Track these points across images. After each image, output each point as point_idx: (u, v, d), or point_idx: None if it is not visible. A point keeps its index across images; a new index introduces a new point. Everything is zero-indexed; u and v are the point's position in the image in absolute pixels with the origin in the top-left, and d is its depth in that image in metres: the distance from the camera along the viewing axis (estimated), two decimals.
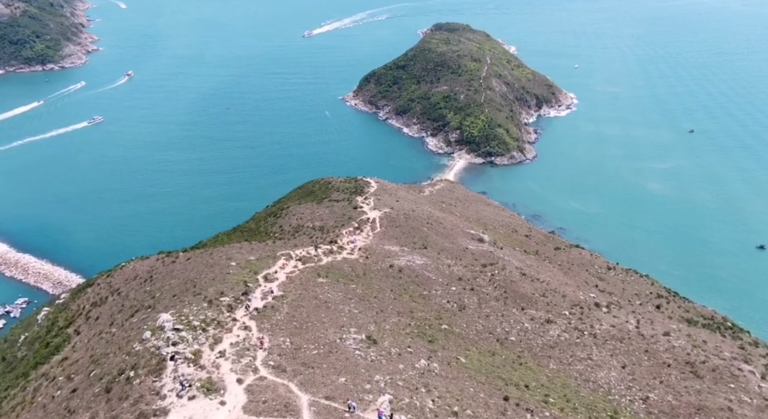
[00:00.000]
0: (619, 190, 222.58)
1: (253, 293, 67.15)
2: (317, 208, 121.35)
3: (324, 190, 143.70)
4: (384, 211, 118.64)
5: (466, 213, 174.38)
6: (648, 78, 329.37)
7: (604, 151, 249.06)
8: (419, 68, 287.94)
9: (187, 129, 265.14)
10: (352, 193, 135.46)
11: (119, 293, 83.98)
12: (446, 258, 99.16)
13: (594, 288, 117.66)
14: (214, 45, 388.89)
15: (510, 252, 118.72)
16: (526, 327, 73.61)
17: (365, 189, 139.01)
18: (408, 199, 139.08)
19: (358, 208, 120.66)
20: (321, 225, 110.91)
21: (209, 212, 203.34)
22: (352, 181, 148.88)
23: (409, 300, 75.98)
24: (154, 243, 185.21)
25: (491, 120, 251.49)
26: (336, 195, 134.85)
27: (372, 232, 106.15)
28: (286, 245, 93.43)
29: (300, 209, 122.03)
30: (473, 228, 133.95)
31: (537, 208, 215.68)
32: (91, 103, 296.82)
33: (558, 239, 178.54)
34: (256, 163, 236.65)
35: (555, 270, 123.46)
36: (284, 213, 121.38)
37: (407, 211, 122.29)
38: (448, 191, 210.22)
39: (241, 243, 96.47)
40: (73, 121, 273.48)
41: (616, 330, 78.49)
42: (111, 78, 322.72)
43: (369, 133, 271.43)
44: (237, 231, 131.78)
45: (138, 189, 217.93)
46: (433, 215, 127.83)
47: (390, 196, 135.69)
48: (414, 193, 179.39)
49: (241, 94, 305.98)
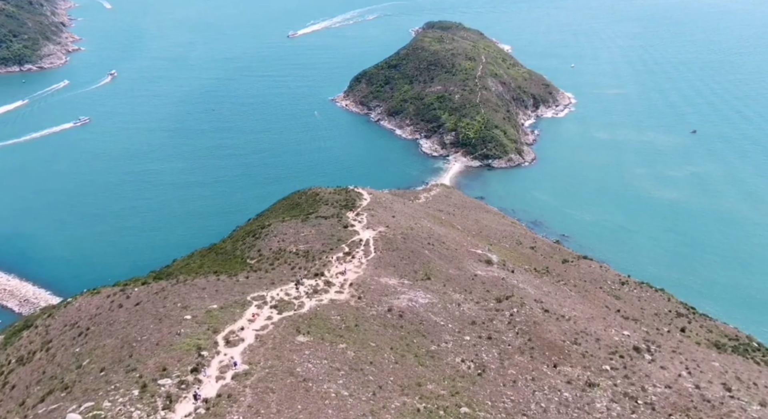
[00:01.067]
0: (622, 195, 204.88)
1: (207, 369, 47.88)
2: (302, 227, 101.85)
3: (311, 203, 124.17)
4: (379, 231, 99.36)
5: (466, 223, 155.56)
6: (647, 77, 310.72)
7: (605, 153, 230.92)
8: (412, 67, 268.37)
9: (169, 135, 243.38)
10: (342, 206, 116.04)
11: (48, 349, 64.41)
12: (454, 291, 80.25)
13: (618, 317, 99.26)
14: (197, 46, 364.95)
15: (523, 276, 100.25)
16: (565, 397, 55.11)
17: (357, 202, 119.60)
18: (405, 213, 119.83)
19: (349, 226, 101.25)
20: (306, 249, 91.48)
21: (188, 228, 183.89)
22: (342, 191, 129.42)
23: (415, 362, 57.02)
24: (128, 261, 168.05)
25: (488, 121, 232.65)
26: (324, 209, 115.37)
27: (365, 259, 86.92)
28: (262, 282, 73.86)
29: (283, 228, 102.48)
30: (478, 245, 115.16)
31: (538, 214, 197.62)
32: (76, 103, 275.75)
33: (564, 250, 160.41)
34: (240, 172, 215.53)
35: (573, 294, 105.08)
36: (264, 233, 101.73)
37: (405, 229, 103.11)
38: (444, 197, 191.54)
39: (208, 278, 76.83)
40: (58, 122, 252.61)
41: (675, 394, 60.14)
42: (93, 78, 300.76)
43: (360, 136, 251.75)
44: (212, 251, 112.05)
45: (115, 201, 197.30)
46: (434, 232, 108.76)
47: (385, 210, 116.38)
48: (409, 202, 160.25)
49: (225, 96, 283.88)
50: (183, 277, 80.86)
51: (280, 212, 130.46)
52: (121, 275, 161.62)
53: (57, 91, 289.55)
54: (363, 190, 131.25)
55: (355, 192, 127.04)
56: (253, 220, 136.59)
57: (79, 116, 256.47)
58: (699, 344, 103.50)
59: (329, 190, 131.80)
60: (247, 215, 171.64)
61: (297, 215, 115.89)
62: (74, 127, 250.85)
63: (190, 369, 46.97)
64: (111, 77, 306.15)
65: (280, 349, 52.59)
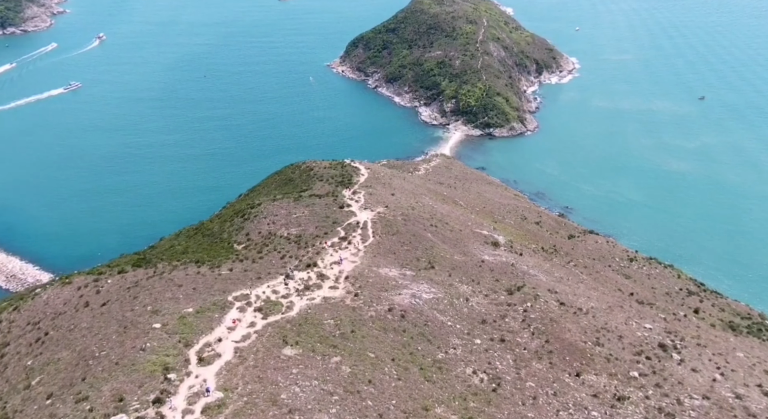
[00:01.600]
0: (627, 166, 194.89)
1: (173, 398, 39.12)
2: (295, 207, 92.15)
3: (305, 179, 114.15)
4: (377, 211, 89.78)
5: (468, 197, 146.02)
6: (653, 41, 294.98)
7: (610, 122, 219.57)
8: (410, 31, 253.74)
9: (160, 104, 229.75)
10: (338, 183, 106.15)
11: (3, 355, 55.66)
12: (461, 282, 71.42)
13: (634, 303, 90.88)
14: (186, 9, 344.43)
15: (532, 260, 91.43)
16: (593, 417, 46.93)
17: (353, 177, 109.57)
18: (405, 189, 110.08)
19: (345, 206, 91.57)
20: (298, 233, 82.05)
21: (179, 202, 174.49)
22: (338, 166, 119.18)
23: (420, 376, 48.44)
24: (118, 236, 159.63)
25: (489, 88, 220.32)
26: (319, 186, 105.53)
27: (363, 244, 77.60)
28: (247, 275, 64.67)
29: (273, 208, 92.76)
30: (483, 224, 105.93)
31: (540, 185, 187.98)
32: (64, 67, 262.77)
33: (569, 224, 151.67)
34: (233, 144, 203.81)
35: (585, 278, 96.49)
36: (254, 214, 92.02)
37: (405, 209, 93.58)
38: (445, 168, 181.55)
39: (187, 269, 67.58)
40: (48, 87, 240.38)
41: (716, 407, 51.99)
42: (81, 41, 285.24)
43: (357, 103, 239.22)
44: (199, 232, 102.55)
45: (106, 174, 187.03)
46: (436, 212, 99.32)
47: (383, 186, 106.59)
48: (409, 175, 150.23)
49: (216, 63, 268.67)
50: (162, 266, 71.69)
51: (272, 188, 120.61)
52: (109, 251, 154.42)
53: (45, 54, 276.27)
54: (360, 164, 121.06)
55: (352, 166, 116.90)
56: (243, 196, 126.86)
57: (69, 81, 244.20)
58: (714, 326, 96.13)
59: (324, 164, 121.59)
60: (239, 189, 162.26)
61: (290, 192, 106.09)
62: (65, 93, 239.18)
63: (152, 400, 38.25)
64: (99, 41, 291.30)
65: (262, 367, 43.86)
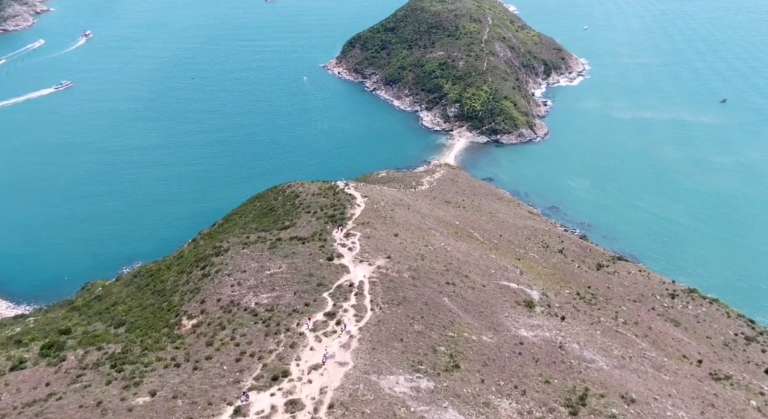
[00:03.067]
0: (646, 175, 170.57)
1: None
2: (270, 258, 67.02)
3: (289, 209, 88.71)
4: (377, 265, 64.75)
5: (480, 220, 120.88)
6: (666, 40, 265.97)
7: (626, 127, 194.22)
8: (411, 30, 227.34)
9: (145, 108, 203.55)
10: (328, 218, 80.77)
11: None
12: (499, 392, 46.63)
13: (713, 383, 66.31)
14: (172, 11, 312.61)
15: (578, 326, 66.88)
16: None
17: (347, 209, 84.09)
18: (410, 224, 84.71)
19: (335, 257, 66.47)
20: (270, 304, 56.97)
21: (156, 218, 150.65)
22: (329, 191, 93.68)
23: None
24: (86, 259, 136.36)
25: (496, 91, 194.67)
26: (304, 222, 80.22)
27: (358, 325, 52.75)
28: (174, 410, 39.79)
29: (243, 259, 67.59)
30: (507, 268, 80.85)
31: (553, 197, 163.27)
32: (51, 65, 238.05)
33: (594, 249, 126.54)
34: (220, 153, 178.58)
35: (645, 346, 71.77)
36: (217, 267, 66.96)
37: (413, 259, 68.51)
38: (450, 181, 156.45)
39: (94, 380, 42.83)
40: (37, 87, 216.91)
41: None
42: (67, 39, 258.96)
43: (354, 107, 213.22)
44: (151, 283, 77.33)
45: (80, 185, 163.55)
46: (451, 257, 74.27)
47: (384, 222, 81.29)
48: (412, 196, 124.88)
49: (205, 65, 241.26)
50: (65, 368, 46.81)
51: (250, 217, 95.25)
52: (77, 275, 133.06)
53: (33, 51, 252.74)
54: (356, 189, 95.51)
55: (345, 194, 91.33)
56: (218, 225, 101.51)
57: (60, 80, 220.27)
58: None
59: (313, 189, 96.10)
60: (222, 204, 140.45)
61: (268, 228, 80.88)
62: (56, 92, 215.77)
63: None
64: (86, 38, 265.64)
65: None
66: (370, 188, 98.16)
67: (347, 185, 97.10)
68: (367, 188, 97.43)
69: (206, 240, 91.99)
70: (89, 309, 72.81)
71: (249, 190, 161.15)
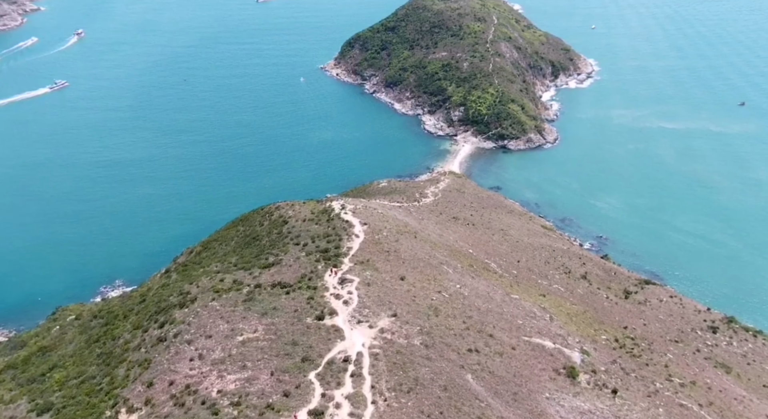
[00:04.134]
0: (664, 185, 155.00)
1: None
2: (244, 317, 51.25)
3: (275, 239, 72.88)
4: (379, 329, 49.06)
5: (492, 241, 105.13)
6: (677, 40, 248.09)
7: (640, 131, 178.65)
8: (412, 30, 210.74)
9: (133, 117, 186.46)
10: (320, 253, 65.05)
11: None
12: None
13: None
14: (162, 13, 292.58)
15: (639, 407, 51.29)
16: None
17: (343, 241, 68.31)
18: (418, 260, 68.76)
19: (326, 315, 50.75)
20: (237, 394, 41.34)
21: (138, 235, 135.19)
22: (322, 216, 77.72)
23: None
24: (63, 277, 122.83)
25: (502, 94, 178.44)
26: (291, 257, 64.42)
27: None
28: None
29: (211, 316, 51.84)
30: (534, 313, 65.27)
31: (566, 209, 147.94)
32: (43, 64, 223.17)
33: (618, 271, 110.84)
34: (212, 164, 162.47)
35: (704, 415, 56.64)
36: (177, 330, 51.19)
37: (425, 315, 52.89)
38: (456, 191, 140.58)
39: None
40: (31, 86, 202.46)
41: None
42: (58, 38, 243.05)
43: (353, 111, 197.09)
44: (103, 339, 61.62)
45: (60, 201, 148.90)
46: (471, 308, 58.75)
47: (387, 259, 65.45)
48: (416, 214, 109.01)
49: (198, 69, 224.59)
50: None
51: (231, 246, 79.33)
52: (52, 296, 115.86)
53: (26, 48, 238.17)
54: (353, 213, 79.35)
55: (341, 219, 75.34)
56: (192, 256, 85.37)
57: (55, 80, 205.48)
58: None
59: (303, 213, 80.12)
60: (211, 214, 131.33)
61: (249, 265, 65.03)
62: (51, 92, 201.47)
63: None
64: (78, 37, 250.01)
65: None
66: (370, 212, 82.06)
67: (343, 207, 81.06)
68: (367, 212, 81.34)
69: (179, 274, 76.08)
70: (24, 373, 57.00)
71: (240, 201, 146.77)
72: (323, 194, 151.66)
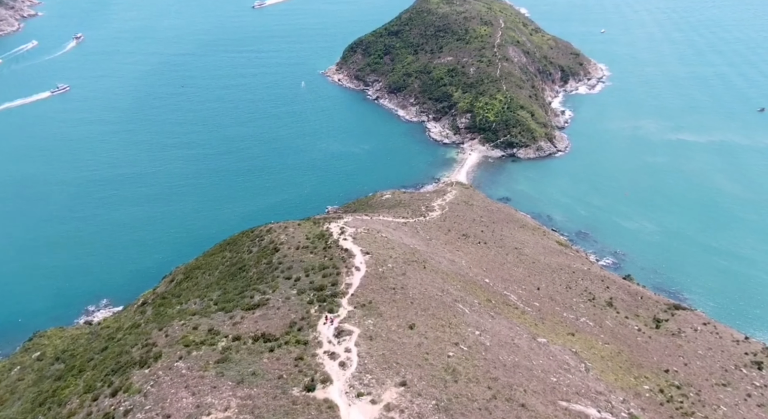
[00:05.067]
0: (683, 196, 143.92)
1: None
2: (215, 388, 39.87)
3: (263, 270, 61.67)
4: (385, 404, 37.63)
5: (507, 263, 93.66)
6: (689, 44, 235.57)
7: (654, 136, 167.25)
8: (416, 34, 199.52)
9: (126, 130, 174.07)
10: (314, 292, 53.78)
11: None
12: None
13: None
14: (157, 19, 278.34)
15: None
16: None
17: (341, 275, 57.05)
18: (430, 297, 57.32)
19: (318, 384, 39.31)
20: None
21: (124, 260, 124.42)
22: (318, 242, 66.43)
23: None
24: (49, 294, 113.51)
25: (511, 100, 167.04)
26: (279, 299, 53.18)
27: None
28: None
29: (170, 389, 40.51)
30: (569, 365, 53.88)
31: (579, 221, 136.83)
32: (43, 68, 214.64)
33: (645, 294, 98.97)
34: (205, 182, 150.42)
35: None
36: (130, 396, 40.00)
37: (441, 381, 41.58)
38: (464, 204, 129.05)
39: None
40: (32, 91, 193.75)
41: None
42: (57, 42, 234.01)
43: (355, 117, 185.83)
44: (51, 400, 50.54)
45: (45, 218, 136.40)
46: (495, 362, 47.44)
47: (393, 301, 53.98)
48: (422, 232, 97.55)
49: (195, 74, 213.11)
50: None
51: (214, 277, 68.04)
52: (33, 317, 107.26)
53: (27, 51, 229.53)
54: (353, 239, 67.96)
55: (340, 247, 63.97)
56: (173, 287, 74.01)
57: (57, 84, 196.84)
58: None
59: (297, 238, 68.86)
60: (202, 237, 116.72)
61: (230, 305, 53.76)
62: (52, 96, 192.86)
63: None
64: (77, 41, 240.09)
65: None
66: (372, 237, 70.67)
67: (343, 232, 69.71)
68: (370, 237, 69.95)
69: (155, 308, 64.85)
70: None
71: (237, 211, 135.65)
72: (324, 206, 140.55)
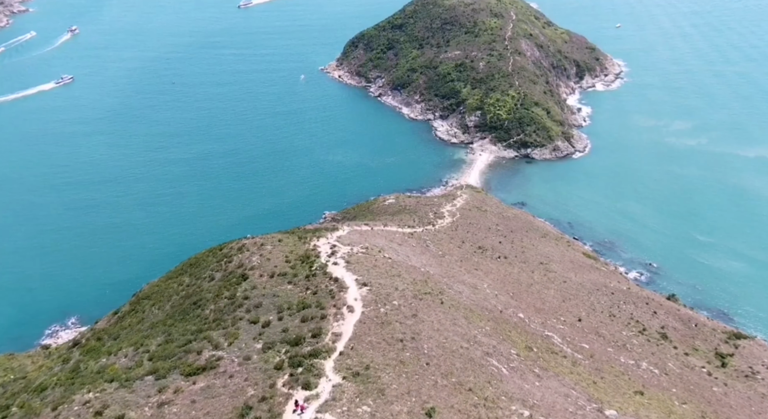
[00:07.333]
0: (719, 202, 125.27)
1: None
2: None
3: (222, 310, 43.30)
4: None
5: (535, 285, 75.01)
6: (708, 39, 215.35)
7: (677, 135, 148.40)
8: (421, 28, 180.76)
9: (110, 131, 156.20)
10: (285, 350, 35.53)
11: None
12: None
13: None
14: (156, 16, 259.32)
15: None
16: None
17: (327, 320, 38.63)
18: (454, 356, 38.77)
19: None
20: None
21: (101, 260, 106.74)
22: (300, 269, 48.07)
23: None
24: (11, 310, 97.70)
25: (524, 96, 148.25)
26: (235, 358, 34.97)
27: None
28: None
29: None
30: None
31: (603, 230, 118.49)
32: (41, 60, 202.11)
33: (699, 320, 79.89)
34: (190, 189, 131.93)
35: None
36: None
37: None
38: (476, 210, 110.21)
39: None
40: (35, 82, 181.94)
41: None
42: (52, 34, 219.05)
43: (357, 116, 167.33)
44: None
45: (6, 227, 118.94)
46: None
47: (401, 364, 35.45)
48: (433, 236, 78.99)
49: (187, 73, 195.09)
50: None
51: (163, 313, 49.62)
52: None
53: (26, 42, 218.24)
54: (346, 264, 49.26)
55: (328, 276, 45.29)
56: (112, 324, 55.66)
57: (62, 75, 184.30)
58: None
59: (274, 261, 50.34)
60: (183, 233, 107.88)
61: (171, 362, 35.62)
62: (56, 87, 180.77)
63: None
64: (71, 34, 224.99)
65: None
66: (372, 258, 52.04)
67: (334, 253, 50.96)
68: (368, 259, 51.32)
69: (82, 355, 46.41)
70: None
71: (227, 218, 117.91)
72: (321, 211, 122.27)
